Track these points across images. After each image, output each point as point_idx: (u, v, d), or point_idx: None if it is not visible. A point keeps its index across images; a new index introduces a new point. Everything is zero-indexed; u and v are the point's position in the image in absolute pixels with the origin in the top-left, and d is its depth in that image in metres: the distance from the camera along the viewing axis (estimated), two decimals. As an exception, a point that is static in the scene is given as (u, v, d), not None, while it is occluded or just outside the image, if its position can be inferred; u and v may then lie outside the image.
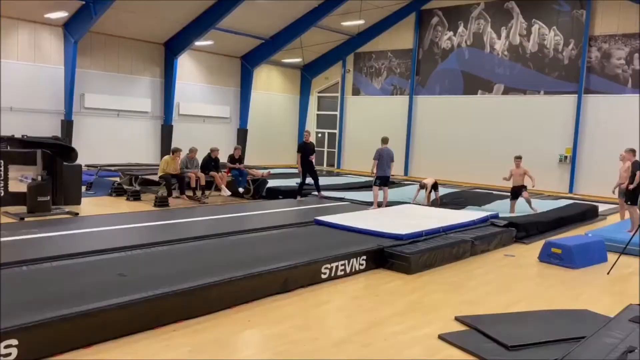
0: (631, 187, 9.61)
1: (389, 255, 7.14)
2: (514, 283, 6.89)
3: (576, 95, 18.36)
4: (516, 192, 11.83)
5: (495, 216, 10.10)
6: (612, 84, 17.75)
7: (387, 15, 22.38)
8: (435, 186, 12.56)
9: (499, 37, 20.14)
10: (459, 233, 8.54)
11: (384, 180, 11.69)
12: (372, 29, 23.07)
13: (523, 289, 6.66)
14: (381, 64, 23.54)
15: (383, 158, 11.56)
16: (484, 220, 9.67)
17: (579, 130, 18.33)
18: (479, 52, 20.64)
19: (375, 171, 11.63)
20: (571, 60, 18.55)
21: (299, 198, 12.24)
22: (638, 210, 9.72)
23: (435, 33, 21.81)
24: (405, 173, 22.30)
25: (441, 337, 4.75)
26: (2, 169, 9.69)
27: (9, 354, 3.75)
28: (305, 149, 12.49)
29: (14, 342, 3.77)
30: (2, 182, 9.71)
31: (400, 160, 22.14)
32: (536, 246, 8.76)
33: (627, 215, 10.61)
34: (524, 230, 9.72)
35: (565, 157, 18.67)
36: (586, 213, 12.41)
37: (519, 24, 19.68)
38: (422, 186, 12.44)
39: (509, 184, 12.19)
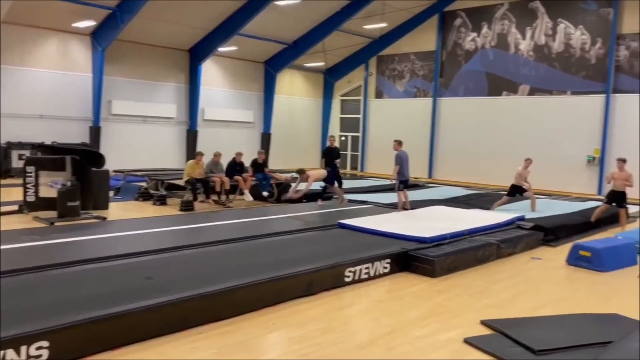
0: None
1: (413, 259, 7.10)
2: (541, 287, 6.78)
3: (604, 95, 17.99)
4: (614, 198, 10.57)
5: (522, 218, 9.95)
6: (641, 83, 17.35)
7: (409, 18, 22.28)
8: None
9: (524, 38, 19.87)
10: (484, 236, 8.45)
11: (406, 183, 11.66)
12: (395, 31, 23.00)
13: (550, 292, 6.54)
14: (404, 67, 23.45)
15: (404, 161, 11.51)
16: (510, 223, 9.55)
17: (607, 131, 17.95)
18: (503, 52, 20.40)
19: (396, 176, 11.46)
20: (599, 60, 18.19)
21: (319, 202, 12.22)
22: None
23: (458, 34, 21.64)
24: (429, 175, 22.14)
25: (466, 341, 4.71)
26: (33, 175, 9.95)
27: (40, 356, 3.84)
28: (330, 154, 12.51)
29: (45, 343, 3.87)
30: (33, 187, 9.96)
31: (424, 162, 22.02)
32: (564, 249, 8.59)
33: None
34: (551, 233, 9.55)
35: (594, 158, 18.29)
36: (616, 215, 12.10)
37: (544, 24, 19.38)
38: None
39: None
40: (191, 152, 19.85)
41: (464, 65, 21.48)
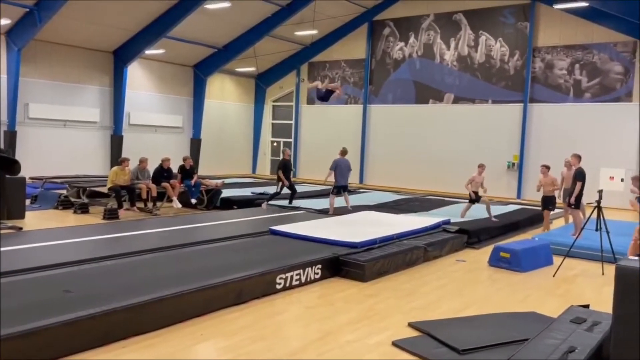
0: (572, 198, 9.97)
1: (343, 264, 7.17)
2: (465, 288, 7.05)
3: (522, 104, 19.07)
4: (547, 202, 11.11)
5: (447, 222, 10.32)
6: (555, 94, 18.54)
7: (339, 26, 22.64)
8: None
9: (448, 48, 20.71)
10: (412, 239, 8.68)
11: (341, 189, 12.02)
12: (326, 38, 23.27)
13: (474, 293, 6.82)
14: (335, 74, 23.75)
15: (340, 168, 11.91)
16: (436, 227, 9.86)
17: (525, 138, 19.02)
18: (429, 62, 21.15)
19: (328, 179, 11.98)
20: (517, 71, 19.27)
21: (264, 205, 12.45)
22: (581, 214, 10.15)
23: (387, 43, 22.21)
24: (360, 181, 22.52)
25: (395, 344, 4.80)
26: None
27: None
28: (286, 166, 12.98)
29: (-51, 366, 3.57)
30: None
31: (355, 168, 22.31)
32: (486, 251, 8.99)
33: (571, 219, 11.06)
34: (475, 235, 9.97)
35: (513, 164, 19.32)
36: (533, 218, 12.84)
37: (467, 35, 20.30)
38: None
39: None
40: (116, 158, 19.02)
41: (393, 74, 22.07)
